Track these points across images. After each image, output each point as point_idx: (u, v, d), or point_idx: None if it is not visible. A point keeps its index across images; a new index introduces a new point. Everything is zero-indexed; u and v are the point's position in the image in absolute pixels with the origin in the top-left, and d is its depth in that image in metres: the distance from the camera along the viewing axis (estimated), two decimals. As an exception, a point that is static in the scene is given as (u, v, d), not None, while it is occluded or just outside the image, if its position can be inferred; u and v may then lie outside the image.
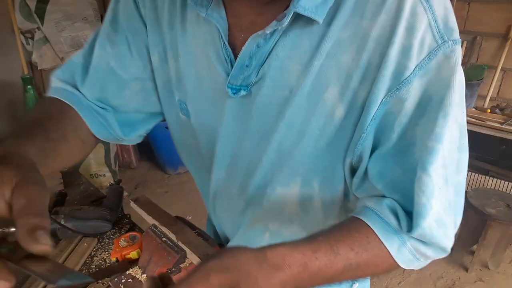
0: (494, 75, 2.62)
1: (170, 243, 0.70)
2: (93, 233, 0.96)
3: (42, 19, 2.66)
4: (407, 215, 0.49)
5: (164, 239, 0.71)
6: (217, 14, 0.54)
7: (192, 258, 0.67)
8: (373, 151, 0.52)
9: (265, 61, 0.53)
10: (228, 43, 0.55)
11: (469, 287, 2.16)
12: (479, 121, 2.34)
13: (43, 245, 0.34)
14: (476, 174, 2.58)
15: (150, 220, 0.76)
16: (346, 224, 0.52)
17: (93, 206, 1.01)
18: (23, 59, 2.78)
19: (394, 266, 0.51)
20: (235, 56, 0.55)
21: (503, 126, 2.27)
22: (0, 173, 0.38)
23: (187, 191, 3.00)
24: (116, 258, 0.86)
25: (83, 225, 0.94)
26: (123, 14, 0.65)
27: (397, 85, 0.47)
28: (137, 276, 0.69)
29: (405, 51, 0.45)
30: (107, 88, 0.68)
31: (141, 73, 0.68)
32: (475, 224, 2.19)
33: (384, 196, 0.52)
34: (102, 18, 3.02)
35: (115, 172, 2.87)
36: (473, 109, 2.58)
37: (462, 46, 2.78)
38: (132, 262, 0.83)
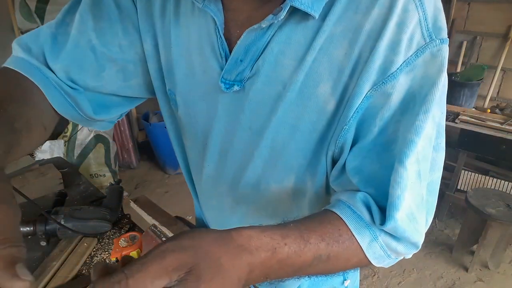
0: (494, 75, 2.62)
1: (170, 243, 0.70)
2: (93, 233, 0.96)
3: (42, 19, 2.66)
4: (380, 210, 0.49)
5: (164, 239, 0.70)
6: (214, 6, 0.53)
7: (192, 258, 0.67)
8: (353, 145, 0.52)
9: (259, 56, 0.53)
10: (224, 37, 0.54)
11: (469, 287, 2.16)
12: (479, 121, 2.34)
13: (24, 281, 0.29)
14: (476, 174, 2.58)
15: (150, 220, 0.75)
16: (318, 215, 0.51)
17: (93, 206, 1.00)
18: (23, 59, 2.78)
19: (364, 261, 0.50)
20: (230, 51, 0.54)
21: (503, 126, 2.27)
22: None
23: (187, 191, 2.97)
24: (116, 258, 0.86)
25: (83, 225, 0.93)
26: None
27: (383, 79, 0.47)
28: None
29: (394, 46, 0.46)
30: (86, 67, 0.61)
31: (124, 53, 0.64)
32: (475, 224, 2.19)
33: (358, 190, 0.52)
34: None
35: (115, 172, 2.87)
36: (473, 109, 2.57)
37: (462, 46, 2.78)
38: (132, 262, 0.83)
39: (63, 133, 2.61)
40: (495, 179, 2.53)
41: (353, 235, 0.48)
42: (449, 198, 2.58)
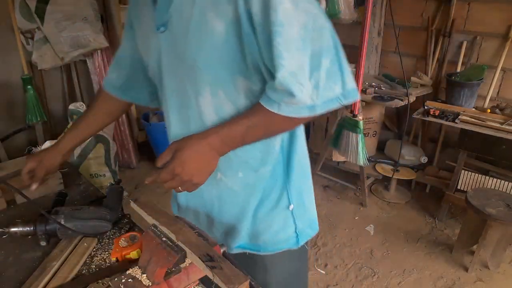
0: (494, 75, 2.62)
1: (170, 243, 0.69)
2: (93, 233, 0.96)
3: (42, 19, 2.66)
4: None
5: (164, 239, 0.71)
6: None
7: (192, 258, 0.67)
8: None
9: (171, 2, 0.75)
10: None
11: (469, 287, 2.16)
12: (479, 121, 2.33)
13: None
14: (476, 174, 2.57)
15: (150, 220, 0.76)
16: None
17: (93, 206, 1.01)
18: (23, 59, 2.78)
19: (276, 118, 0.72)
20: None
21: (503, 126, 2.26)
22: (43, 157, 0.85)
23: (187, 191, 2.99)
24: (116, 258, 0.86)
25: (83, 225, 0.94)
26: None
27: None
28: (137, 276, 0.69)
29: None
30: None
31: (134, 51, 0.97)
32: (475, 224, 2.19)
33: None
34: (102, 18, 3.02)
35: (115, 172, 2.87)
36: (473, 109, 2.57)
37: (462, 46, 2.78)
38: (132, 262, 0.83)
39: (63, 133, 2.62)
40: (495, 179, 2.53)
41: (263, 105, 0.72)
42: (449, 198, 2.58)
